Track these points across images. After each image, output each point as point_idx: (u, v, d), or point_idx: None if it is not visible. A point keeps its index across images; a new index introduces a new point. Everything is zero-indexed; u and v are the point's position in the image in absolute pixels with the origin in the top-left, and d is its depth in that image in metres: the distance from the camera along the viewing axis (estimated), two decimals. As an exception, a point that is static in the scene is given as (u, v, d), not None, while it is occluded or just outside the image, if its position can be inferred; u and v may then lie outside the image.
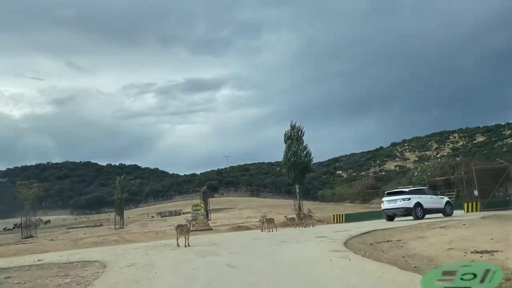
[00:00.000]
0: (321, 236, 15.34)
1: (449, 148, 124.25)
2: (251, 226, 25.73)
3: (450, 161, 36.24)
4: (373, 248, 12.03)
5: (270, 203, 75.43)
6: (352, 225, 21.28)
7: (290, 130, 41.42)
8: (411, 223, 18.85)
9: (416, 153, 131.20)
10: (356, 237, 14.97)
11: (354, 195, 64.27)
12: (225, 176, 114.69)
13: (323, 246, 12.35)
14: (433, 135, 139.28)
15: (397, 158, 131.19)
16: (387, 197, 22.41)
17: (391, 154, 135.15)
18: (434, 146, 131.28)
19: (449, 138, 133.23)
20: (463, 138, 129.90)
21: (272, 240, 15.08)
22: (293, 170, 40.50)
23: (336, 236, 15.09)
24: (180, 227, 15.60)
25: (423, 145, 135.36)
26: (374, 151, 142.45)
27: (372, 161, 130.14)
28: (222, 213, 58.29)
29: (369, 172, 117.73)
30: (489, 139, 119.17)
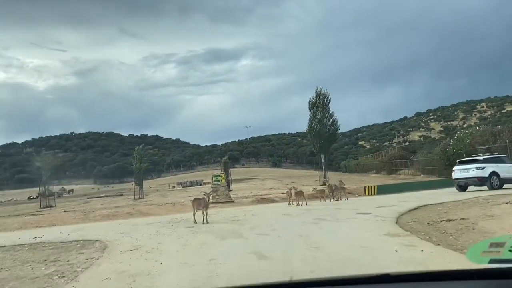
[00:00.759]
0: (362, 212, 12.81)
1: (476, 118, 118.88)
2: (276, 198, 23.37)
3: (491, 129, 32.82)
4: (435, 230, 9.49)
5: (292, 173, 73.15)
6: (390, 198, 18.65)
7: (316, 96, 38.52)
8: (465, 196, 16.07)
9: (441, 123, 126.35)
10: (406, 214, 12.40)
11: (380, 165, 61.16)
12: (246, 146, 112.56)
13: (372, 226, 9.83)
14: (460, 104, 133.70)
15: (422, 128, 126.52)
16: (459, 165, 20.35)
17: (415, 124, 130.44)
18: (461, 116, 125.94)
19: (476, 108, 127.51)
20: (491, 108, 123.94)
21: (306, 217, 12.63)
22: (318, 139, 37.82)
23: (380, 212, 12.54)
24: (197, 201, 13.30)
25: (449, 115, 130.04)
26: (398, 121, 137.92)
27: (396, 131, 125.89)
28: (243, 183, 56.27)
29: (392, 143, 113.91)
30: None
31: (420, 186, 27.86)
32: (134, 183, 39.87)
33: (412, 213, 12.66)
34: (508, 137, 29.66)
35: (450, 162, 37.19)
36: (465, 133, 36.32)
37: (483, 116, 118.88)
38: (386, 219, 11.03)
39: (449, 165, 37.95)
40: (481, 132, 33.09)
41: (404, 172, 51.45)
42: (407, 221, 11.14)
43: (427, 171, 43.57)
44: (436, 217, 11.77)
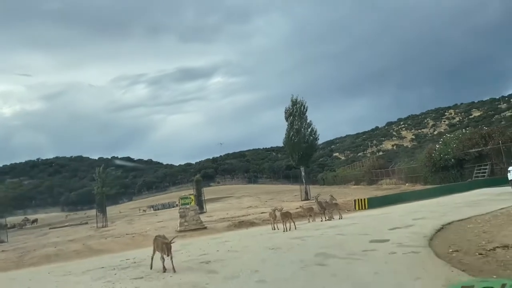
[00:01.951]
0: (376, 239, 9.35)
1: (446, 125, 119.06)
2: (256, 220, 19.69)
3: (481, 130, 30.38)
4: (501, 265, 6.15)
5: (269, 189, 69.53)
6: (395, 214, 15.32)
7: (292, 105, 35.30)
8: (487, 207, 12.89)
9: (412, 131, 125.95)
10: (435, 238, 9.03)
11: (359, 176, 58.39)
12: (220, 163, 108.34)
13: (409, 267, 6.33)
14: (429, 112, 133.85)
15: (394, 137, 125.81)
16: None
17: (387, 133, 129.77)
18: (431, 123, 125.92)
19: (444, 115, 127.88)
20: (459, 114, 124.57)
21: (302, 251, 9.05)
22: (297, 150, 34.48)
23: (401, 237, 9.13)
24: (158, 241, 9.42)
25: (419, 122, 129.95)
26: (370, 131, 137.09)
27: (368, 142, 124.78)
28: (219, 203, 52.31)
29: (366, 153, 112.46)
30: (486, 113, 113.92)
31: (414, 196, 24.75)
32: (97, 210, 35.41)
33: (443, 236, 9.30)
34: (500, 138, 27.13)
35: (436, 168, 34.62)
36: (450, 137, 33.75)
37: (452, 122, 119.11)
38: (418, 250, 7.60)
39: (435, 172, 35.42)
40: (470, 135, 30.51)
41: (385, 181, 48.69)
42: (447, 250, 7.74)
43: (411, 179, 40.86)
44: (479, 240, 8.43)
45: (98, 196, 34.77)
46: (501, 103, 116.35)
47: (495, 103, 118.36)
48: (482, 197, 18.17)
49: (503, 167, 27.47)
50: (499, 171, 27.85)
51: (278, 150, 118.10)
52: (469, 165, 30.39)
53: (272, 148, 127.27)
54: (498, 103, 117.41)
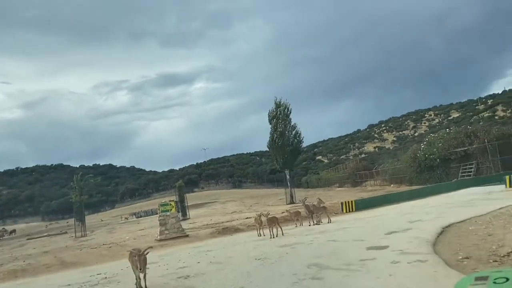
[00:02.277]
0: (374, 246, 8.43)
1: (426, 126, 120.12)
2: (240, 226, 18.63)
3: (466, 130, 29.97)
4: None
5: (254, 193, 68.52)
6: (388, 217, 14.49)
7: (275, 108, 34.44)
8: (484, 207, 12.14)
9: (394, 133, 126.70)
10: (439, 243, 8.17)
11: (343, 178, 57.80)
12: (204, 169, 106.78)
13: (418, 279, 5.43)
14: (409, 114, 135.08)
15: (376, 140, 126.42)
16: None
17: (369, 136, 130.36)
18: (411, 125, 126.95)
19: (425, 117, 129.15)
20: (439, 115, 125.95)
21: (293, 262, 8.05)
22: (281, 153, 33.59)
23: (401, 243, 8.23)
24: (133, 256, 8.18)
25: (400, 124, 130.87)
26: (352, 134, 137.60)
27: (351, 144, 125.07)
28: (203, 208, 51.05)
29: (349, 156, 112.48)
30: (464, 114, 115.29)
31: (401, 197, 24.07)
32: (75, 219, 33.80)
33: (446, 240, 8.45)
34: (486, 136, 26.72)
35: (421, 169, 34.15)
36: (435, 136, 33.33)
37: (432, 124, 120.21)
38: (424, 258, 6.69)
39: (420, 172, 34.95)
40: (454, 134, 30.08)
41: (370, 183, 48.19)
42: (456, 257, 6.86)
43: (395, 180, 40.38)
44: (488, 245, 7.58)
45: (76, 204, 33.17)
46: (478, 104, 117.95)
47: (473, 104, 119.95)
48: (473, 196, 17.53)
49: (489, 166, 27.12)
50: (485, 170, 27.45)
51: (262, 155, 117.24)
52: (454, 165, 29.95)
53: (256, 152, 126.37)
54: (476, 104, 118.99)
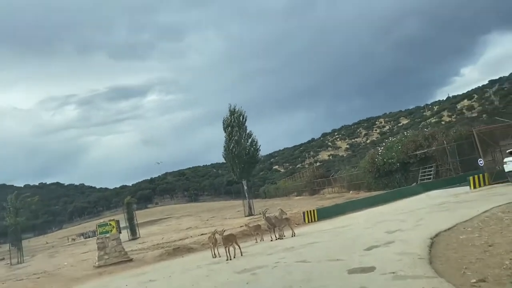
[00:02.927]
0: (354, 267, 6.64)
1: (377, 133, 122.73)
2: (194, 245, 16.41)
3: (423, 132, 29.50)
4: None
5: (211, 206, 65.98)
6: (360, 227, 12.89)
7: (230, 115, 32.60)
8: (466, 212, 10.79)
9: (346, 141, 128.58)
10: (436, 260, 6.55)
11: (300, 187, 56.70)
12: (158, 183, 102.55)
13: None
14: (361, 122, 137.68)
15: (329, 148, 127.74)
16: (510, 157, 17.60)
17: (323, 144, 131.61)
18: (363, 132, 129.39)
19: (375, 124, 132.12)
20: (389, 122, 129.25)
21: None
22: (238, 163, 31.70)
23: (388, 261, 6.51)
24: None
25: (352, 132, 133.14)
26: (306, 143, 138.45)
27: (306, 153, 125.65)
28: (156, 225, 47.95)
29: (305, 164, 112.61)
30: (413, 121, 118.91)
31: (364, 203, 22.83)
32: (10, 244, 30.03)
33: (442, 255, 6.81)
34: (444, 138, 26.20)
35: (380, 174, 33.37)
36: (393, 141, 32.72)
37: (383, 130, 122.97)
38: (431, 285, 4.95)
39: (379, 177, 34.19)
40: (412, 137, 29.50)
41: (327, 190, 47.25)
42: (468, 280, 5.18)
43: (354, 187, 39.55)
44: (495, 259, 6.03)
45: (11, 227, 29.50)
46: (426, 111, 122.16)
47: (420, 111, 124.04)
48: (441, 199, 16.41)
49: (449, 168, 26.58)
50: (444, 172, 26.89)
51: (219, 167, 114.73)
52: (413, 168, 29.29)
53: (212, 165, 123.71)
54: (423, 111, 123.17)
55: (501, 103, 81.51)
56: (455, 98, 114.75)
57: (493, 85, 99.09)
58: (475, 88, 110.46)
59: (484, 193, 15.57)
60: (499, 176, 19.41)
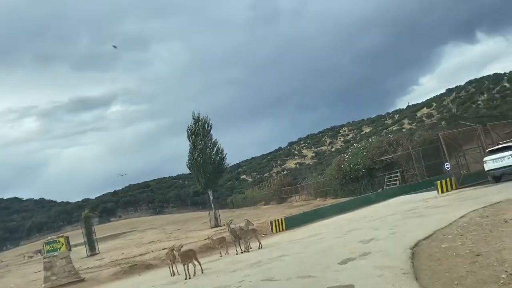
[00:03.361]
0: (330, 285, 5.71)
1: (341, 141, 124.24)
2: (153, 261, 15.09)
3: (388, 138, 29.37)
4: None
5: (177, 218, 64.03)
6: (329, 236, 12.04)
7: (194, 123, 31.42)
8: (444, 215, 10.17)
9: (312, 149, 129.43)
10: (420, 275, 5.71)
11: (268, 195, 55.90)
12: (122, 196, 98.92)
13: None
14: (325, 130, 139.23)
15: (296, 156, 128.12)
16: (490, 155, 17.78)
17: (289, 153, 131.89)
18: (328, 141, 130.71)
19: (340, 132, 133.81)
20: (352, 131, 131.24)
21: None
22: (203, 172, 30.47)
23: (366, 277, 5.63)
24: None
25: (318, 141, 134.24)
26: (273, 152, 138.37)
27: (273, 162, 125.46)
28: (119, 239, 45.76)
29: (272, 173, 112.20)
30: (375, 129, 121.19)
31: (332, 210, 22.15)
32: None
33: (427, 268, 6.00)
34: (409, 143, 26.08)
35: (346, 180, 33.01)
36: (358, 147, 32.47)
37: (347, 139, 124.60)
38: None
39: (345, 184, 33.84)
40: (377, 143, 29.30)
41: (295, 198, 46.66)
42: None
43: (321, 194, 39.10)
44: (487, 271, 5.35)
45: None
46: (387, 119, 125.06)
47: (382, 119, 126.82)
48: (411, 205, 15.88)
49: (414, 173, 26.44)
50: (410, 177, 26.73)
51: (185, 177, 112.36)
52: (379, 174, 29.06)
53: (178, 176, 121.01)
54: (385, 119, 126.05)
55: (458, 111, 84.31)
56: (415, 106, 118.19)
57: (450, 94, 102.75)
58: (434, 96, 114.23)
59: (453, 198, 15.14)
60: (466, 180, 19.26)
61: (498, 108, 69.83)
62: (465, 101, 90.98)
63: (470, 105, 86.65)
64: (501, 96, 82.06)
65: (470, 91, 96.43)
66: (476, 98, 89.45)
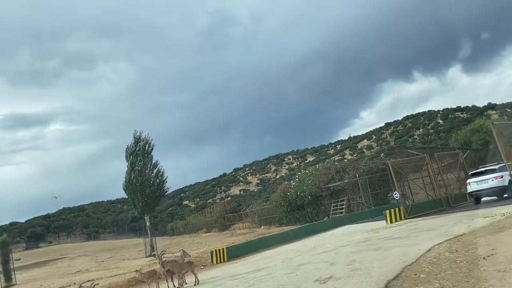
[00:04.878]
0: None
1: (286, 169, 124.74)
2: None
3: (335, 165, 28.69)
4: None
5: (112, 245, 59.32)
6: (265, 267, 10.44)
7: (134, 143, 28.99)
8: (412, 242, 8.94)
9: (257, 176, 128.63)
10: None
11: (210, 222, 53.40)
12: (54, 219, 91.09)
13: None
14: (270, 158, 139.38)
15: (241, 183, 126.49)
16: (473, 178, 18.30)
17: (234, 179, 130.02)
18: (273, 168, 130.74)
19: (284, 160, 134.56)
20: (297, 159, 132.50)
21: None
22: (141, 195, 27.91)
23: None
24: None
25: (263, 168, 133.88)
26: (218, 178, 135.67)
27: (217, 188, 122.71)
28: (45, 267, 40.94)
29: (216, 199, 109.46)
30: (318, 158, 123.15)
31: (277, 239, 20.71)
32: None
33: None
34: (355, 171, 25.47)
35: (291, 208, 31.83)
36: (305, 173, 31.53)
37: (291, 167, 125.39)
38: None
39: (290, 211, 32.60)
40: (323, 170, 28.51)
41: (238, 226, 44.73)
42: None
43: (265, 221, 37.58)
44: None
45: None
46: (329, 149, 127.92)
47: (325, 149, 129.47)
48: (361, 235, 14.78)
49: (360, 202, 25.77)
50: (356, 206, 26.01)
51: (124, 202, 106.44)
52: (325, 202, 28.16)
53: (118, 200, 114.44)
54: (327, 149, 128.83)
55: (396, 144, 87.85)
56: (356, 138, 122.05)
57: (389, 127, 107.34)
58: (373, 129, 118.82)
59: (406, 228, 14.19)
60: (414, 210, 18.60)
61: (433, 143, 73.44)
62: (402, 135, 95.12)
63: (407, 138, 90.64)
64: (435, 131, 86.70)
65: (407, 126, 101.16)
66: (412, 133, 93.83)
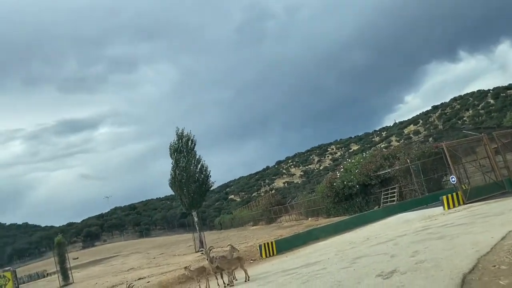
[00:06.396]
0: None
1: (329, 160, 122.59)
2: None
3: (383, 152, 27.36)
4: None
5: (163, 241, 60.75)
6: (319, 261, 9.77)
7: (178, 140, 29.13)
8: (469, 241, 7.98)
9: (301, 168, 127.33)
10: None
11: (257, 215, 53.23)
12: (107, 219, 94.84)
13: None
14: (313, 149, 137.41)
15: (284, 175, 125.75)
16: None
17: (277, 172, 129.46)
18: (316, 159, 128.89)
19: (327, 150, 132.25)
20: (340, 149, 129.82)
21: None
22: (187, 191, 28.00)
23: None
24: None
25: (306, 159, 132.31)
26: (261, 171, 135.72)
27: (261, 181, 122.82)
28: (100, 265, 42.53)
29: (260, 192, 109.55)
30: (363, 146, 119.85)
31: (327, 231, 19.91)
32: None
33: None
34: (407, 157, 24.09)
35: (339, 198, 30.81)
36: (351, 162, 30.33)
37: (335, 157, 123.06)
38: None
39: (338, 202, 31.60)
40: (370, 158, 27.23)
41: (285, 218, 44.17)
42: None
43: (312, 213, 36.75)
44: None
45: None
46: (374, 137, 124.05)
47: (369, 137, 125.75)
48: (419, 223, 13.73)
49: (413, 188, 24.38)
50: (408, 193, 24.64)
51: (172, 199, 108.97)
52: (375, 190, 26.93)
53: (166, 197, 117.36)
54: (372, 137, 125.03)
55: (445, 127, 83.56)
56: (402, 123, 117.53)
57: (436, 111, 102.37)
58: (420, 113, 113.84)
59: (467, 213, 13.01)
60: (474, 194, 17.21)
61: (484, 124, 69.08)
62: (451, 118, 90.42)
63: (456, 121, 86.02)
64: (486, 112, 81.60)
65: (455, 108, 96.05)
66: (461, 114, 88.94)
